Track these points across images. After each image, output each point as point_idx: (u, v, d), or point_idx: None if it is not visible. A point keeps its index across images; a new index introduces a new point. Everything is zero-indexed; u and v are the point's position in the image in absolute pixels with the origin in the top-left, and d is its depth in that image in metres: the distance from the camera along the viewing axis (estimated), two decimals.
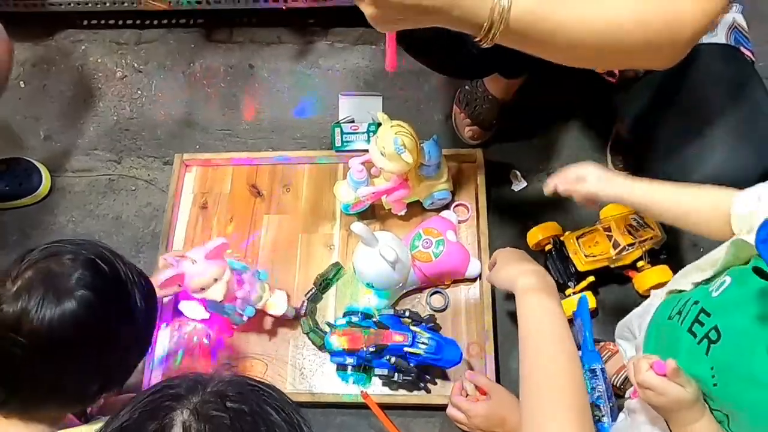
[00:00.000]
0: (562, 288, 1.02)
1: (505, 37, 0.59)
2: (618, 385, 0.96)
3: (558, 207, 1.10)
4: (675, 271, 0.79)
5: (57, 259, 0.61)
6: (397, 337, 0.89)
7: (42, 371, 0.60)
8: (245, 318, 0.96)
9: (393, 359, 0.89)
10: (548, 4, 0.59)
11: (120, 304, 0.64)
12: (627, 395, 0.95)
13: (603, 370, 0.92)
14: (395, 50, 0.66)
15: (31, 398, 0.62)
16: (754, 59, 0.84)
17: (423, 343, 0.89)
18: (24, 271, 0.60)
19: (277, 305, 0.97)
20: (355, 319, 0.94)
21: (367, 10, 0.57)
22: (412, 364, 0.90)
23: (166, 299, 1.03)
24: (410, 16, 0.57)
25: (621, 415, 0.82)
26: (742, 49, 0.83)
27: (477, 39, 0.60)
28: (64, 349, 0.60)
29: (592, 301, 1.00)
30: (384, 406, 0.93)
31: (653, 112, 0.84)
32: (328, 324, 0.96)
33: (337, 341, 0.92)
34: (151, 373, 1.01)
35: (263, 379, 0.48)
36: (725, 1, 0.65)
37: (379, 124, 0.97)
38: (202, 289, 0.88)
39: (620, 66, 0.74)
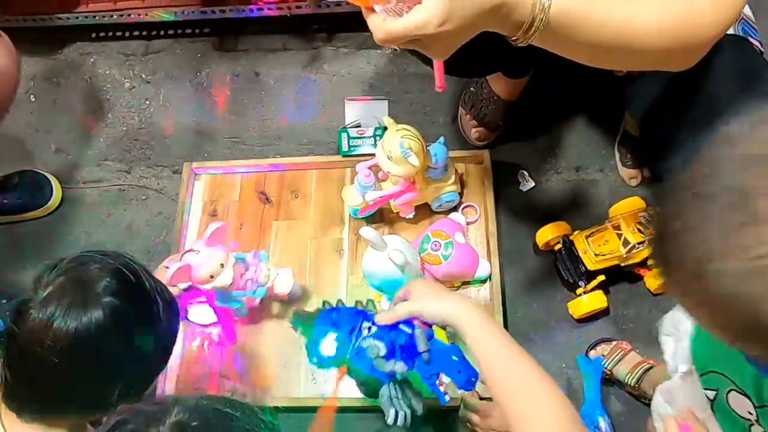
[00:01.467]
0: (572, 287, 1.03)
1: (543, 35, 0.60)
2: (632, 384, 0.95)
3: (567, 206, 1.11)
4: None
5: (85, 267, 0.63)
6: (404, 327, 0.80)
7: (65, 376, 0.62)
8: (257, 301, 0.97)
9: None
10: (584, 5, 0.60)
11: (144, 312, 0.65)
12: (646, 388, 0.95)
13: (610, 424, 0.93)
14: (443, 70, 0.67)
15: (51, 402, 0.63)
16: (762, 49, 0.83)
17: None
18: (53, 279, 0.62)
19: (283, 283, 0.98)
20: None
21: (429, 52, 0.59)
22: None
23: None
24: (465, 36, 0.58)
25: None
26: (750, 39, 0.83)
27: (514, 38, 0.61)
28: (89, 354, 0.61)
29: (603, 301, 1.00)
30: None
31: (663, 105, 0.84)
32: None
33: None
34: (165, 380, 1.02)
35: (235, 397, 0.47)
36: (742, 3, 0.66)
37: (386, 128, 0.97)
38: (211, 276, 0.89)
39: (641, 67, 0.75)
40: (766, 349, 0.44)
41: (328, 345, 0.75)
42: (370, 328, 0.75)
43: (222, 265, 0.89)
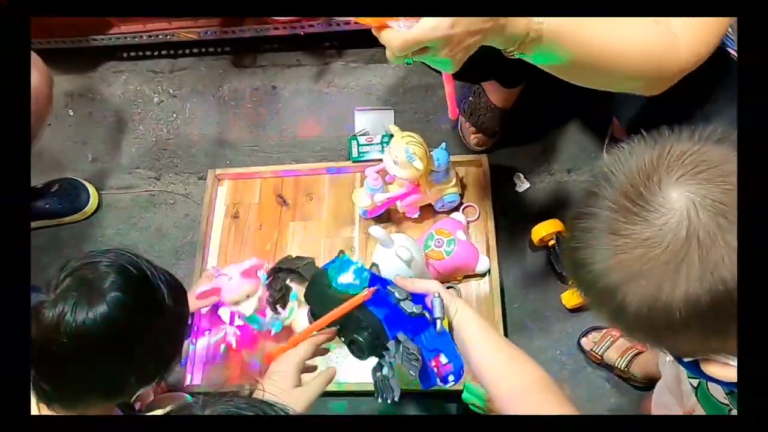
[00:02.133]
0: (565, 280, 1.08)
1: (535, 47, 0.64)
2: (622, 367, 1.00)
3: (560, 205, 1.16)
4: None
5: (91, 267, 0.66)
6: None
7: (82, 368, 0.65)
8: (272, 332, 1.02)
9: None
10: (574, 24, 0.64)
11: (149, 303, 0.68)
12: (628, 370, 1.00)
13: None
14: (455, 101, 0.73)
15: (74, 393, 0.67)
16: (736, 58, 0.89)
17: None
18: (63, 279, 0.65)
19: (304, 323, 0.99)
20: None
21: (452, 65, 0.62)
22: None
23: (204, 309, 1.08)
24: (472, 41, 0.61)
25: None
26: (728, 49, 0.88)
27: (509, 50, 0.65)
28: (101, 346, 0.64)
29: None
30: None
31: (651, 115, 0.87)
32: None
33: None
34: (193, 370, 1.08)
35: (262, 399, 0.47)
36: (717, 40, 0.69)
37: (392, 136, 1.03)
38: (236, 303, 0.96)
39: (617, 88, 0.78)
40: (645, 340, 0.52)
41: (348, 276, 0.77)
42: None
43: (248, 296, 0.96)
